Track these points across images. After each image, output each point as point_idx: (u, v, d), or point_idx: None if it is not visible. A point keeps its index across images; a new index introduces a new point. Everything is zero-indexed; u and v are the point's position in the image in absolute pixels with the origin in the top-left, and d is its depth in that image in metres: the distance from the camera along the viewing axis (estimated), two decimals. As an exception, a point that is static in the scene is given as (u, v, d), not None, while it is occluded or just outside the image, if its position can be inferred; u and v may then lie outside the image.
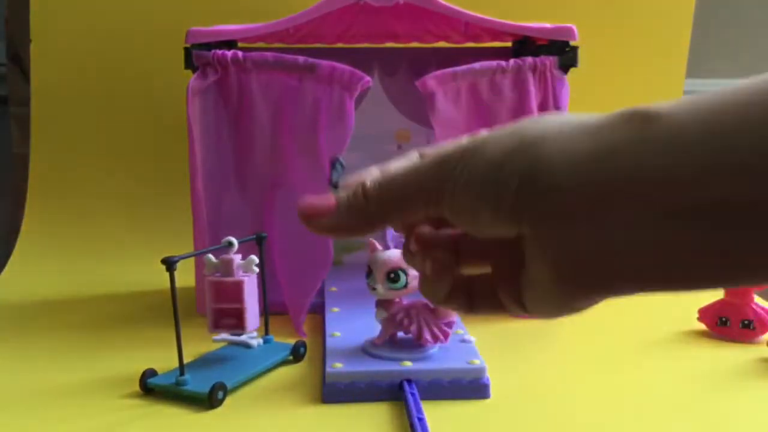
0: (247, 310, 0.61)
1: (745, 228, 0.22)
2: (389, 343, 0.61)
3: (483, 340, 0.65)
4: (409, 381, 0.57)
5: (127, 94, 1.07)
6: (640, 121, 0.24)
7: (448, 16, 0.77)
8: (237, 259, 0.62)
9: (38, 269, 0.96)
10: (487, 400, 0.57)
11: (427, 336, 0.59)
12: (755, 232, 0.22)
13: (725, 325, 0.71)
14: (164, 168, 1.05)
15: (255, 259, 0.62)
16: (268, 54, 0.74)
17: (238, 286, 0.61)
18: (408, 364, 0.58)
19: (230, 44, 0.78)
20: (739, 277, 0.24)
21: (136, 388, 0.59)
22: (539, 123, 0.27)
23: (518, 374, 0.62)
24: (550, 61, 0.76)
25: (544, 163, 0.25)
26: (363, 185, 0.30)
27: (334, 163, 0.38)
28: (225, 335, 0.65)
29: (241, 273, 0.62)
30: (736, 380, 0.62)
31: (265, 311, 0.68)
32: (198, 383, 0.57)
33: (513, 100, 0.76)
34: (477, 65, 0.75)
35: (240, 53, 0.74)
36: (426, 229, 0.33)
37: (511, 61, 0.76)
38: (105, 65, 1.06)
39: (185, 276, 0.72)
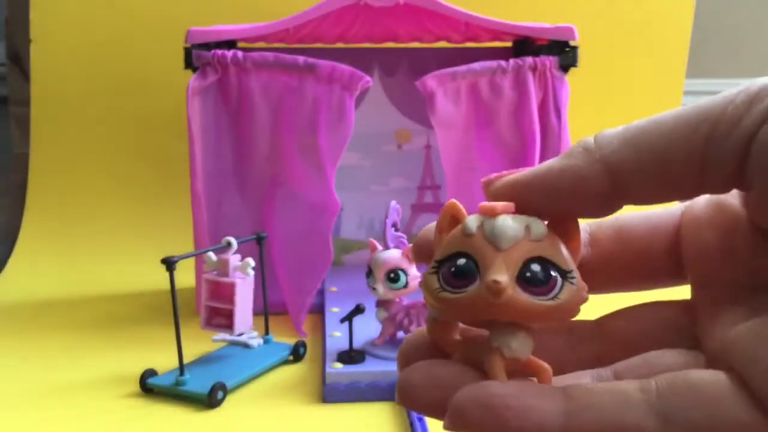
0: (237, 311, 0.61)
1: None
2: (389, 343, 0.61)
3: (483, 340, 0.66)
4: (409, 381, 0.57)
5: (127, 94, 1.06)
6: None
7: (448, 16, 0.77)
8: (234, 260, 0.62)
9: (38, 269, 0.95)
10: (487, 400, 0.57)
11: (427, 336, 0.59)
12: None
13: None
14: (164, 168, 1.05)
15: (251, 261, 0.62)
16: (268, 54, 0.74)
17: (231, 288, 0.61)
18: (408, 364, 0.58)
19: (230, 44, 0.78)
20: None
21: (136, 388, 0.59)
22: None
23: (518, 374, 0.62)
24: (550, 61, 0.76)
25: None
26: None
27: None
28: (225, 335, 0.65)
29: (236, 275, 0.62)
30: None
31: (266, 311, 0.68)
32: (198, 383, 0.57)
33: (513, 100, 0.76)
34: (477, 65, 0.75)
35: (240, 53, 0.74)
36: None
37: (511, 61, 0.76)
38: (105, 65, 1.06)
39: (185, 276, 0.72)
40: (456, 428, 0.18)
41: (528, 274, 0.19)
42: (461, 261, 0.19)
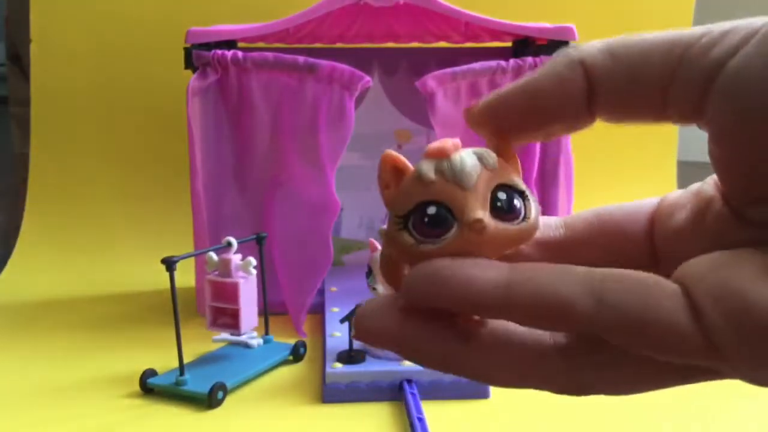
0: (242, 311, 0.61)
1: None
2: (389, 343, 0.61)
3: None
4: (409, 381, 0.57)
5: (127, 94, 1.06)
6: None
7: (448, 16, 0.77)
8: (235, 259, 0.62)
9: (38, 269, 0.95)
10: (487, 400, 0.57)
11: (427, 336, 0.59)
12: None
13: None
14: (164, 168, 1.05)
15: (253, 260, 0.62)
16: (268, 54, 0.74)
17: (234, 288, 0.61)
18: (408, 364, 0.58)
19: (230, 44, 0.78)
20: None
21: (136, 388, 0.59)
22: None
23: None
24: (550, 61, 0.76)
25: None
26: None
27: None
28: (225, 335, 0.65)
29: (239, 274, 0.62)
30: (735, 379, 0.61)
31: (265, 311, 0.68)
32: (198, 383, 0.57)
33: (513, 100, 0.76)
34: (477, 65, 0.75)
35: (240, 53, 0.74)
36: None
37: (511, 61, 0.76)
38: (105, 65, 1.06)
39: (185, 276, 0.72)
40: (410, 302, 0.19)
41: (499, 204, 0.19)
42: (431, 210, 0.19)
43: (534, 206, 0.19)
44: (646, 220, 0.22)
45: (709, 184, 0.21)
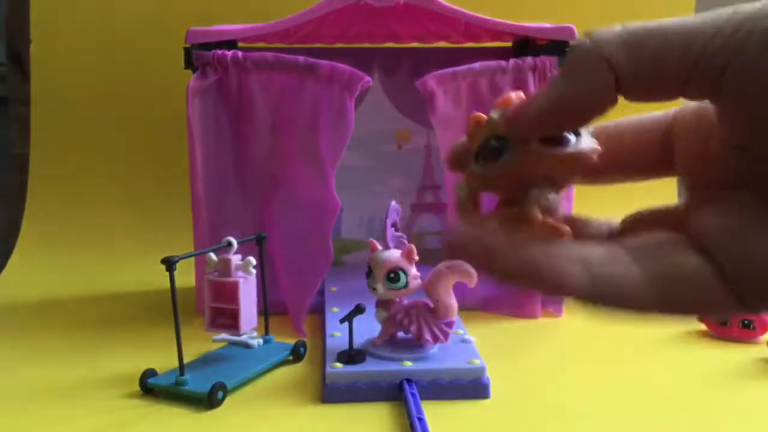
0: (241, 311, 0.61)
1: None
2: (389, 343, 0.61)
3: (483, 340, 0.66)
4: (409, 381, 0.57)
5: (127, 94, 1.07)
6: None
7: (448, 16, 0.77)
8: (235, 259, 0.62)
9: (38, 269, 0.96)
10: (487, 400, 0.57)
11: (427, 336, 0.59)
12: None
13: (725, 325, 0.71)
14: (164, 168, 1.05)
15: (252, 260, 0.62)
16: (268, 54, 0.74)
17: (234, 287, 0.61)
18: (408, 364, 0.58)
19: (230, 44, 0.78)
20: None
21: (136, 388, 0.59)
22: None
23: (518, 374, 0.62)
24: (550, 61, 0.76)
25: None
26: None
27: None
28: (225, 335, 0.65)
29: (238, 274, 0.62)
30: (736, 380, 0.62)
31: (265, 311, 0.68)
32: (198, 383, 0.57)
33: (513, 100, 0.76)
34: (477, 65, 0.75)
35: (240, 53, 0.74)
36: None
37: (511, 61, 0.76)
38: (105, 65, 1.06)
39: (185, 276, 0.72)
40: (451, 250, 0.22)
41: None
42: (494, 142, 0.24)
43: (585, 141, 0.23)
44: (659, 135, 0.25)
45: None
